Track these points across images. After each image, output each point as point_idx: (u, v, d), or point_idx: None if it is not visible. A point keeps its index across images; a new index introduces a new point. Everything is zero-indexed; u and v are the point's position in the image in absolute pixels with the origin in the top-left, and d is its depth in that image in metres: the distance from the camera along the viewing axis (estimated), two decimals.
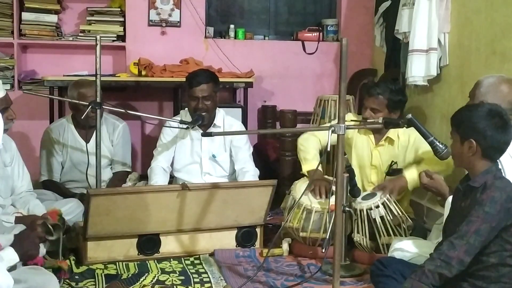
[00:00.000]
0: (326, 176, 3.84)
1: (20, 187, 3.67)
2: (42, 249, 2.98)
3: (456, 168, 3.66)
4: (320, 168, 3.81)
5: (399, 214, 3.50)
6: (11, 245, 2.70)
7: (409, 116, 2.87)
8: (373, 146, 3.93)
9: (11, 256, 2.63)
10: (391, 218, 3.48)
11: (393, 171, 3.85)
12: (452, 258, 2.47)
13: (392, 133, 3.88)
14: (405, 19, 4.59)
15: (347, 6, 5.91)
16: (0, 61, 5.25)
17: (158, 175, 4.12)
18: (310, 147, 3.93)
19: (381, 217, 3.48)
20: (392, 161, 3.87)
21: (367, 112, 3.84)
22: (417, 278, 2.49)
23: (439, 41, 4.36)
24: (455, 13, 4.32)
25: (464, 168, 2.77)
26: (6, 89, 3.61)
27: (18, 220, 3.39)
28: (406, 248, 3.03)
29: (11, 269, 2.61)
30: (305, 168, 3.89)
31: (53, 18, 5.32)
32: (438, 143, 2.92)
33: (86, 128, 4.20)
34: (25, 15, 5.26)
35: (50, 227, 3.01)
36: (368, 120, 3.81)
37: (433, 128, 4.43)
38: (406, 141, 3.86)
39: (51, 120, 4.87)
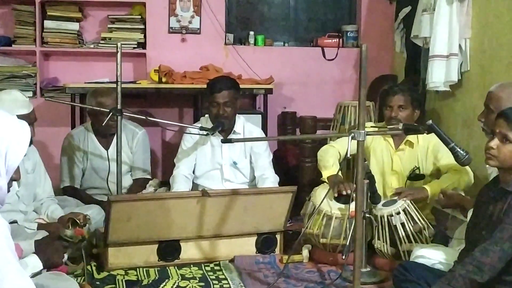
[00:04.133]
0: None
1: (42, 194, 3.72)
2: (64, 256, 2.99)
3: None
4: (340, 174, 3.80)
5: (420, 221, 3.47)
6: (35, 252, 2.73)
7: (430, 122, 2.84)
8: (393, 151, 3.90)
9: (35, 264, 2.65)
10: (412, 224, 3.45)
11: (415, 176, 3.81)
12: (485, 264, 2.43)
13: (411, 136, 3.84)
14: (426, 25, 4.57)
15: (367, 12, 5.90)
16: (23, 69, 5.32)
17: (180, 183, 4.12)
18: (328, 155, 3.91)
19: (402, 224, 3.45)
20: (415, 166, 3.83)
21: (393, 111, 3.79)
22: (447, 281, 2.46)
23: (460, 46, 4.34)
24: (476, 18, 4.29)
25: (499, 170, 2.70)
26: (28, 96, 3.64)
27: (41, 227, 3.43)
28: (427, 255, 3.00)
29: (34, 275, 2.63)
30: (325, 174, 3.86)
31: (74, 26, 5.39)
32: (459, 149, 2.88)
33: (107, 135, 4.22)
34: (47, 23, 5.33)
35: (70, 240, 3.01)
36: (392, 121, 3.77)
37: (454, 134, 4.40)
38: (426, 146, 3.83)
39: (73, 127, 4.92)
